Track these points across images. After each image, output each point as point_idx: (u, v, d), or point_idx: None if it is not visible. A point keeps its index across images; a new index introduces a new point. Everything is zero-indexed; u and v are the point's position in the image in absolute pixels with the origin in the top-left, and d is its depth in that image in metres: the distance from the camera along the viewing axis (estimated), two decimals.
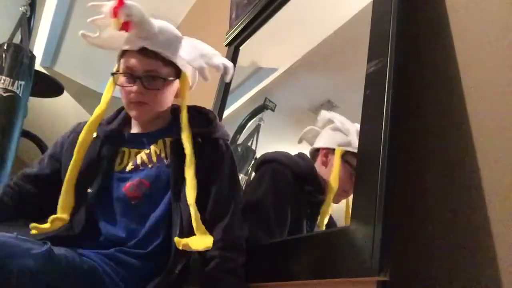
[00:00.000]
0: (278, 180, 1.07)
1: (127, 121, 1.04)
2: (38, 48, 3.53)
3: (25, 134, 2.75)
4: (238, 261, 0.89)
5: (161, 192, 0.94)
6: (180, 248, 0.85)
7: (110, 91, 0.98)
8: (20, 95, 2.16)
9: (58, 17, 3.24)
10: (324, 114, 1.17)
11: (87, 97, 3.87)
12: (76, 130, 1.02)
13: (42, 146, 2.97)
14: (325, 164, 1.13)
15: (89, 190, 0.93)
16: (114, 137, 0.99)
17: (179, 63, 0.97)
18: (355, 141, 1.03)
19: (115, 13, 0.89)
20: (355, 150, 0.95)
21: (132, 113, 0.97)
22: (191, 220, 0.87)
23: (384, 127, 0.73)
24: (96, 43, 0.96)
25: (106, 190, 0.94)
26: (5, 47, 2.22)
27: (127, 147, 0.98)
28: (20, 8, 2.44)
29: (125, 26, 0.90)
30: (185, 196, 0.89)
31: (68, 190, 0.91)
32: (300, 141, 1.20)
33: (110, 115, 1.05)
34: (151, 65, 0.93)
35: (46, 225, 0.87)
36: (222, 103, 1.55)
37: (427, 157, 0.78)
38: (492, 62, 0.72)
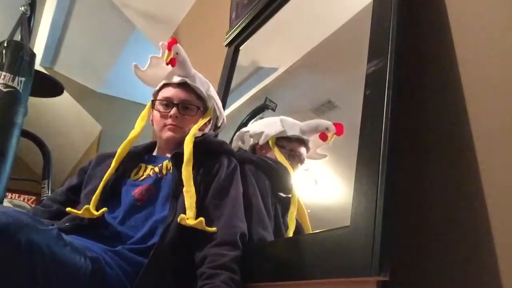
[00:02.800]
0: (258, 181, 1.14)
1: (151, 148, 1.20)
2: (38, 48, 3.53)
3: (25, 134, 2.75)
4: (229, 255, 0.90)
5: (165, 199, 1.03)
6: (178, 220, 0.92)
7: (145, 117, 1.17)
8: (21, 91, 2.16)
9: (58, 17, 3.25)
10: (239, 135, 1.34)
11: (87, 97, 3.88)
12: (100, 156, 1.20)
13: (42, 146, 2.97)
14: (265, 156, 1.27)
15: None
16: (137, 155, 1.16)
17: (208, 100, 1.17)
18: (278, 127, 1.24)
19: (169, 47, 1.11)
20: (283, 134, 1.23)
21: (166, 135, 1.11)
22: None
23: (384, 127, 0.73)
24: (141, 76, 1.17)
25: (118, 192, 1.08)
26: (5, 44, 2.23)
27: (145, 163, 1.13)
28: (20, 8, 2.45)
29: (172, 61, 1.11)
30: (183, 200, 0.96)
31: (101, 189, 1.05)
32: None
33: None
34: (187, 96, 1.13)
35: (78, 211, 1.00)
36: (222, 102, 1.55)
37: (427, 157, 0.78)
38: (492, 62, 0.72)
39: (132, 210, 1.03)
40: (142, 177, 1.09)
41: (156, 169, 1.09)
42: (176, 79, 1.13)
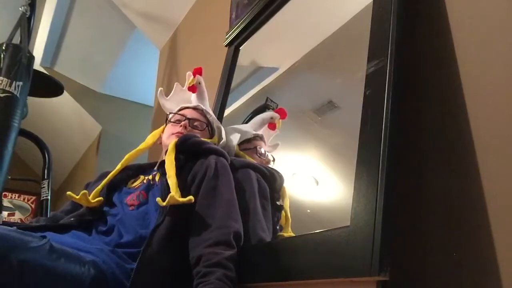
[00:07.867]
0: (260, 185, 1.15)
1: (152, 165, 1.27)
2: (38, 48, 3.53)
3: (25, 134, 2.75)
4: (224, 254, 0.90)
5: (156, 204, 1.03)
6: (165, 203, 0.95)
7: (157, 136, 1.30)
8: (18, 95, 2.15)
9: (58, 17, 3.24)
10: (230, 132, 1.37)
11: (87, 97, 3.88)
12: (103, 173, 1.26)
13: (42, 146, 2.98)
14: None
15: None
16: (139, 167, 1.26)
17: (214, 127, 1.31)
18: (237, 135, 1.31)
19: (194, 74, 1.36)
20: (242, 138, 1.31)
21: (171, 140, 1.18)
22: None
23: (384, 127, 0.73)
24: (164, 103, 1.37)
25: (113, 197, 1.16)
26: (3, 48, 2.22)
27: (143, 175, 1.22)
28: (20, 8, 2.44)
29: (193, 88, 1.35)
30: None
31: (103, 185, 1.15)
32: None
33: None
34: (198, 116, 1.30)
35: (76, 196, 1.11)
36: (222, 102, 1.56)
37: (427, 157, 0.78)
38: (492, 62, 0.72)
39: (127, 215, 1.07)
40: (137, 185, 1.17)
41: (150, 177, 1.17)
42: (193, 103, 1.32)
